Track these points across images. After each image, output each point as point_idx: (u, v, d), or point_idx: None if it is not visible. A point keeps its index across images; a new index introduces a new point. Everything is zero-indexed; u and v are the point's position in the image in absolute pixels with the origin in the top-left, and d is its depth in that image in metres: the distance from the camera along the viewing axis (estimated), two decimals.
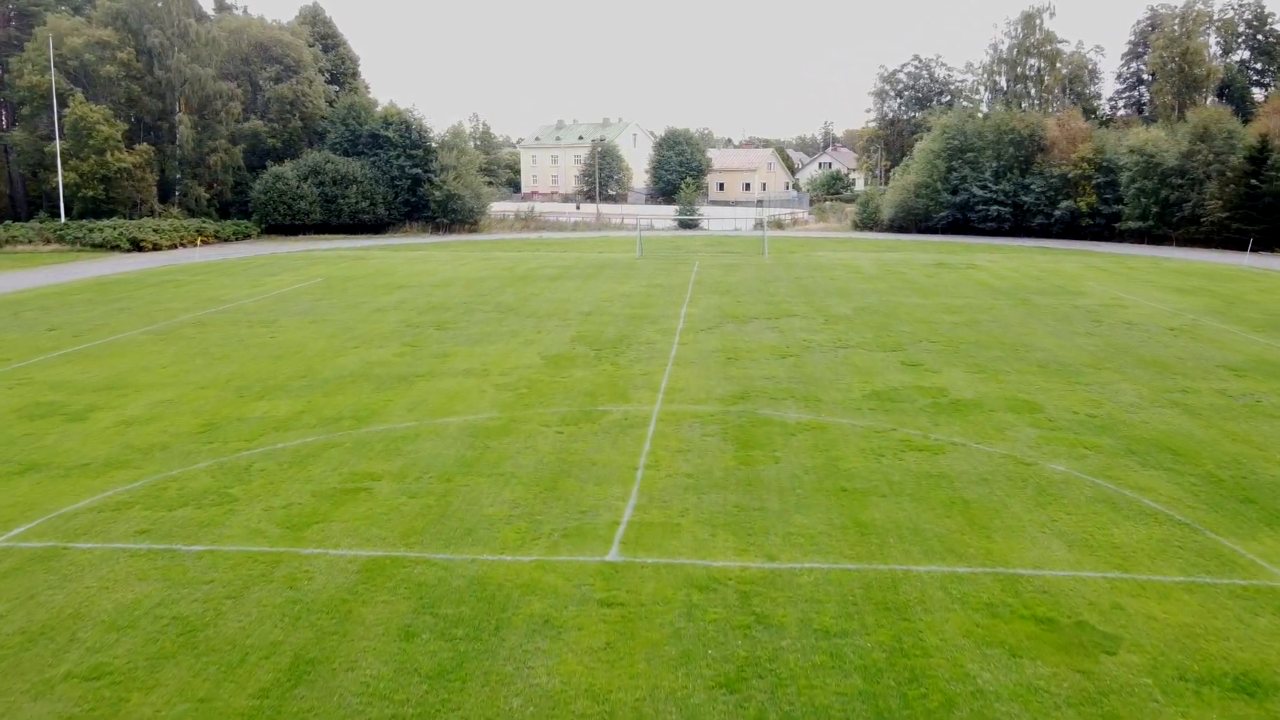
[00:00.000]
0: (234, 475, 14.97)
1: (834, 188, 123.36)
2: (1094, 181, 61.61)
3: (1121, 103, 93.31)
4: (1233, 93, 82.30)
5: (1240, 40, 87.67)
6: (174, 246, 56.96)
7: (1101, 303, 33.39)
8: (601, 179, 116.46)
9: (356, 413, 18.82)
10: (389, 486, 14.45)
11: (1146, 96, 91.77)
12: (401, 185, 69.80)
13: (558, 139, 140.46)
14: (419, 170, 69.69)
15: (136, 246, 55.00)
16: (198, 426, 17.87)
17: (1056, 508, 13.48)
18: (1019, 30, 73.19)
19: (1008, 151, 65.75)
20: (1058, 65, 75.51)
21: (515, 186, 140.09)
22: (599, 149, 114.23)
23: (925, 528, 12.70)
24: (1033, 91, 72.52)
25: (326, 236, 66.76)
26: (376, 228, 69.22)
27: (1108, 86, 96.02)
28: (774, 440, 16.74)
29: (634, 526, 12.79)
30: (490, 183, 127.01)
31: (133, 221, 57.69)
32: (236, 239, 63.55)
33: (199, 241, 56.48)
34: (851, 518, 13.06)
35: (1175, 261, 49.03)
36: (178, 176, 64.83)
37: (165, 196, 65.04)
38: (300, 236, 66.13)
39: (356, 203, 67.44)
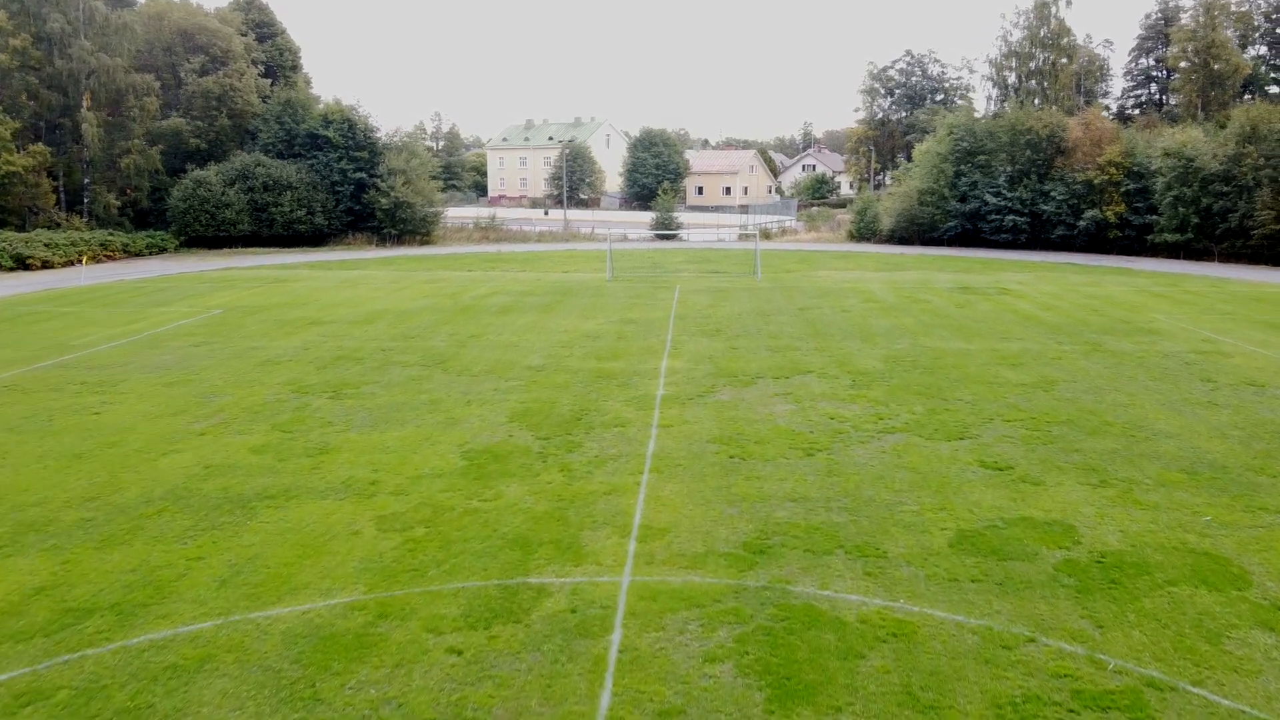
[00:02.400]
0: None
1: (820, 191, 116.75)
2: (1123, 188, 54.75)
3: (1130, 101, 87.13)
4: (1255, 89, 76.19)
5: (1258, 34, 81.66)
6: (70, 263, 48.96)
7: (1194, 348, 26.34)
8: (572, 182, 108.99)
9: (128, 594, 11.32)
10: None
11: (1158, 94, 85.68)
12: (343, 192, 62.08)
13: (526, 139, 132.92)
14: (363, 175, 62.04)
15: (22, 264, 47.02)
16: None
17: None
18: (1030, 20, 66.34)
19: (1024, 154, 58.78)
20: (1070, 60, 68.80)
21: (482, 190, 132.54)
22: (569, 150, 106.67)
23: None
24: (1045, 87, 65.69)
25: (256, 250, 58.87)
26: (315, 240, 61.42)
27: (1115, 84, 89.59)
28: (832, 673, 9.43)
29: None
30: (455, 186, 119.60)
31: (20, 234, 49.55)
32: (150, 253, 55.58)
33: (85, 260, 48.38)
34: None
35: (1236, 283, 42.20)
36: (85, 181, 56.77)
37: (71, 205, 57.06)
38: (225, 250, 58.23)
39: (291, 211, 59.59)
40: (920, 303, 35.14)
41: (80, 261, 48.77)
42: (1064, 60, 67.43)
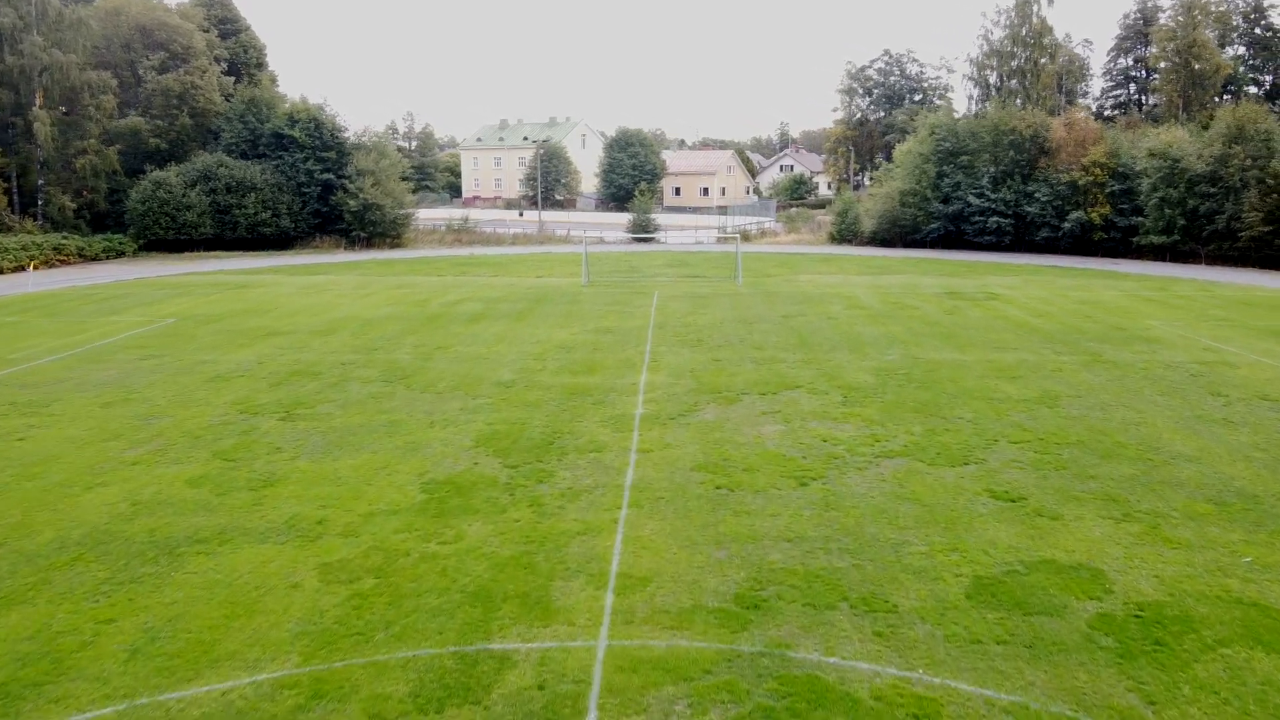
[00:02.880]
0: None
1: (798, 192, 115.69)
2: (1108, 190, 53.80)
3: (1110, 101, 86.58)
4: (1234, 89, 75.74)
5: (1236, 34, 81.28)
6: (20, 269, 46.81)
7: (1197, 358, 25.14)
8: (547, 183, 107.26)
9: (19, 671, 9.67)
10: None
11: (1137, 94, 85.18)
12: (310, 193, 60.12)
13: (501, 139, 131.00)
14: (331, 176, 60.10)
15: None
16: None
17: None
18: (1012, 19, 65.33)
19: (1007, 155, 57.74)
20: (1051, 59, 67.88)
21: (456, 190, 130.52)
22: (544, 151, 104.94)
23: None
24: (1027, 87, 64.70)
25: (219, 254, 56.86)
26: (280, 243, 59.44)
27: (1094, 84, 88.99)
28: None
29: None
30: (428, 187, 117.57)
31: None
32: (106, 258, 53.42)
33: (33, 266, 46.27)
34: None
35: (1225, 287, 41.24)
36: (39, 183, 54.53)
37: (25, 207, 54.79)
38: (187, 254, 56.18)
39: (255, 214, 57.61)
40: (908, 309, 33.84)
41: (39, 265, 46.64)
42: (1045, 60, 66.51)
